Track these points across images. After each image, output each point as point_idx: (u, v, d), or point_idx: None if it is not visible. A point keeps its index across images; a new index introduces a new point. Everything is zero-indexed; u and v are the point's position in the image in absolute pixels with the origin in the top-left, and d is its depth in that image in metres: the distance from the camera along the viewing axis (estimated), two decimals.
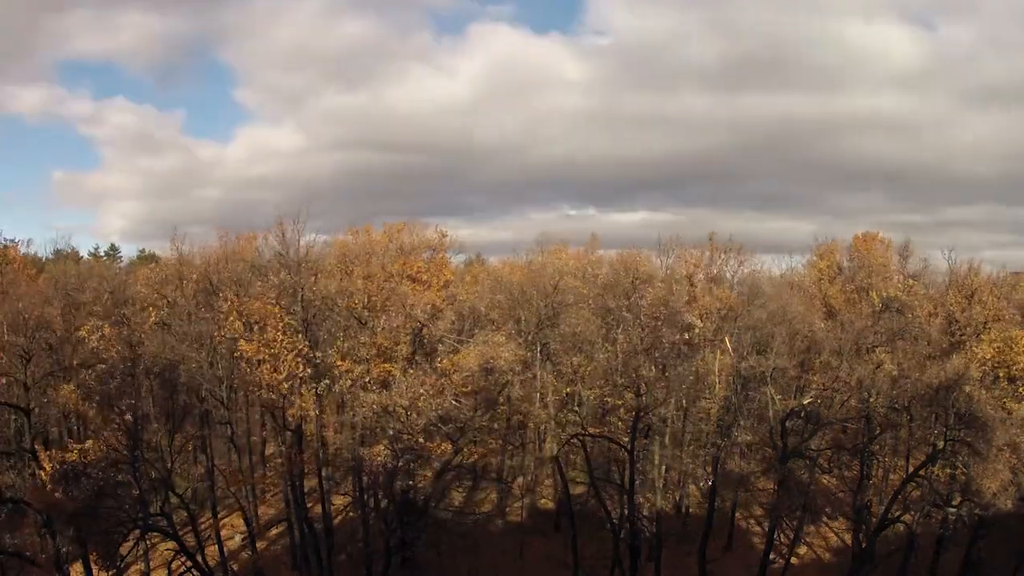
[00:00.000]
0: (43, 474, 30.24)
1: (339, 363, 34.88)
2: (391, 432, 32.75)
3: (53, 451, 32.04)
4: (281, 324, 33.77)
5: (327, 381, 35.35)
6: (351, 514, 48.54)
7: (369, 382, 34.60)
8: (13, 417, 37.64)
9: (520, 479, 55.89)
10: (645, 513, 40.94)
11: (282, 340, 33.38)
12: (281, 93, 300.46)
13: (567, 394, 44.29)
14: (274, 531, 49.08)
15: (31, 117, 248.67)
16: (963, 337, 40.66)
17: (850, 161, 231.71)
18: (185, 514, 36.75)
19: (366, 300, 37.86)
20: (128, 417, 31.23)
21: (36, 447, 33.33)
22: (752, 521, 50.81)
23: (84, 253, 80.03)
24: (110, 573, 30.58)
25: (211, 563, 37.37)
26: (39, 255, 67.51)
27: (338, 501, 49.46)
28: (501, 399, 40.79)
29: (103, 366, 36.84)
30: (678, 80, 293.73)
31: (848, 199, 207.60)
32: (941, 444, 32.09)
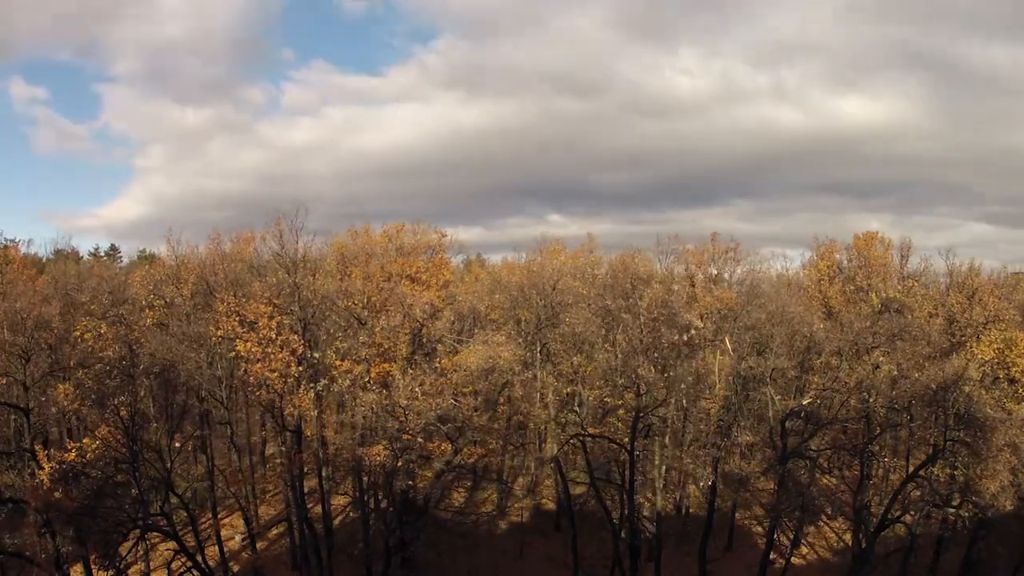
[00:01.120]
0: (42, 474, 30.21)
1: (338, 363, 34.85)
2: (391, 432, 32.75)
3: (52, 451, 32.05)
4: (273, 322, 33.73)
5: (326, 381, 35.36)
6: (351, 514, 48.59)
7: (369, 382, 34.60)
8: (13, 417, 37.66)
9: (520, 479, 55.94)
10: (645, 513, 40.98)
11: (274, 338, 33.36)
12: None
13: (567, 394, 44.22)
14: (274, 531, 49.03)
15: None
16: (963, 338, 40.65)
17: None
18: (185, 514, 36.72)
19: (365, 300, 37.86)
20: (124, 413, 31.18)
21: (35, 447, 33.32)
22: (752, 521, 50.77)
23: (84, 253, 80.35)
24: (110, 573, 30.57)
25: (211, 563, 37.36)
26: (39, 255, 67.76)
27: (338, 501, 49.49)
28: (501, 399, 40.73)
29: (100, 365, 36.83)
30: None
31: None
32: (941, 444, 32.07)
